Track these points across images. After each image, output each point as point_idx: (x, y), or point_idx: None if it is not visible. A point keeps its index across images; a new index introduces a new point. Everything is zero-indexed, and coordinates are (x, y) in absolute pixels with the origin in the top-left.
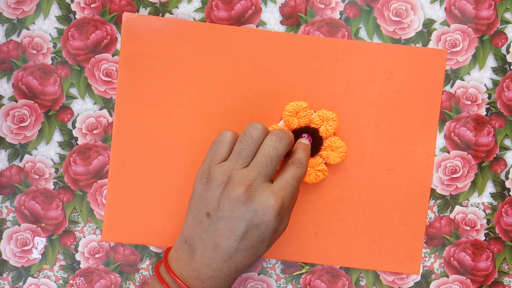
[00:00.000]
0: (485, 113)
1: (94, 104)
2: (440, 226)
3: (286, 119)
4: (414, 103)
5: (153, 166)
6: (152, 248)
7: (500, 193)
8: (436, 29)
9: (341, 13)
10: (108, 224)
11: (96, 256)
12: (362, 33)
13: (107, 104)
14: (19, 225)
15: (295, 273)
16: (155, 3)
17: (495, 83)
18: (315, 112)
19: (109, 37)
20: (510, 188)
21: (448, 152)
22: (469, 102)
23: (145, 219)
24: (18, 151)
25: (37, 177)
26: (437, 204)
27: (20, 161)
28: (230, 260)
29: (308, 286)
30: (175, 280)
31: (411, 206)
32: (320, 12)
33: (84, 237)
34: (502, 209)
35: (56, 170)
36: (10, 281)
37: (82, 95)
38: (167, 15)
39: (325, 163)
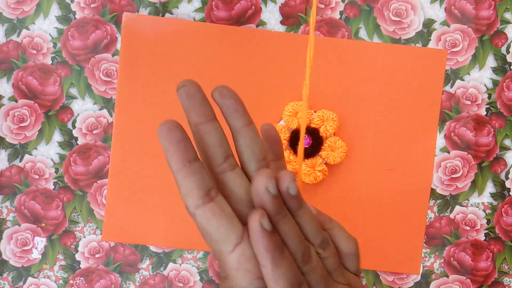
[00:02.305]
0: (485, 113)
1: (94, 104)
2: (440, 226)
3: (286, 119)
4: (414, 103)
5: (153, 166)
6: (152, 248)
7: (500, 193)
8: (436, 29)
9: (341, 13)
10: (108, 224)
11: (96, 256)
12: (362, 33)
13: (107, 104)
14: (19, 225)
15: None
16: (155, 3)
17: (495, 83)
18: (315, 112)
19: (109, 37)
20: (510, 188)
21: (448, 152)
22: (469, 102)
23: (145, 219)
24: (18, 151)
25: (37, 177)
26: (437, 204)
27: (20, 161)
28: None
29: None
30: None
31: (411, 206)
32: (320, 12)
33: (84, 237)
34: (502, 209)
35: (56, 170)
36: (10, 281)
37: (82, 95)
38: (167, 15)
39: (325, 163)
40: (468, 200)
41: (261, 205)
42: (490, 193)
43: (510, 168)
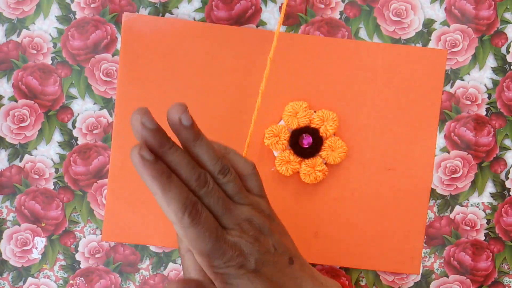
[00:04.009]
0: (485, 113)
1: (94, 104)
2: (440, 226)
3: (286, 119)
4: (414, 103)
5: None
6: (152, 248)
7: (500, 193)
8: (436, 29)
9: (341, 13)
10: (108, 224)
11: (96, 256)
12: (362, 33)
13: (107, 104)
14: (19, 225)
15: None
16: (155, 3)
17: (495, 83)
18: (315, 112)
19: (109, 37)
20: (510, 188)
21: (448, 152)
22: (469, 102)
23: (145, 219)
24: (18, 151)
25: (37, 177)
26: (437, 204)
27: (20, 161)
28: None
29: None
30: None
31: (411, 206)
32: (320, 12)
33: (84, 237)
34: (502, 209)
35: (56, 170)
36: (10, 281)
37: (82, 95)
38: (167, 15)
39: (325, 163)
40: (468, 200)
41: (143, 139)
42: (490, 193)
43: (510, 168)
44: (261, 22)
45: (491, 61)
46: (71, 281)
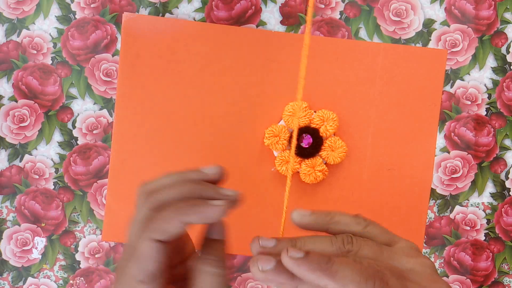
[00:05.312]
0: (485, 113)
1: (94, 104)
2: (440, 226)
3: (286, 119)
4: (414, 103)
5: (153, 166)
6: None
7: (500, 193)
8: (436, 29)
9: (341, 13)
10: (108, 224)
11: (96, 256)
12: (362, 33)
13: (107, 104)
14: (19, 225)
15: None
16: (155, 3)
17: (495, 83)
18: (315, 112)
19: (109, 37)
20: (510, 188)
21: (448, 152)
22: (469, 102)
23: None
24: (18, 151)
25: (37, 177)
26: (437, 204)
27: (20, 161)
28: None
29: None
30: None
31: (411, 206)
32: (320, 12)
33: (84, 237)
34: (502, 209)
35: (56, 170)
36: (10, 281)
37: (82, 95)
38: (167, 15)
39: (325, 163)
40: (468, 200)
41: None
42: (490, 193)
43: (510, 168)
44: (261, 22)
45: (491, 61)
46: (71, 281)
